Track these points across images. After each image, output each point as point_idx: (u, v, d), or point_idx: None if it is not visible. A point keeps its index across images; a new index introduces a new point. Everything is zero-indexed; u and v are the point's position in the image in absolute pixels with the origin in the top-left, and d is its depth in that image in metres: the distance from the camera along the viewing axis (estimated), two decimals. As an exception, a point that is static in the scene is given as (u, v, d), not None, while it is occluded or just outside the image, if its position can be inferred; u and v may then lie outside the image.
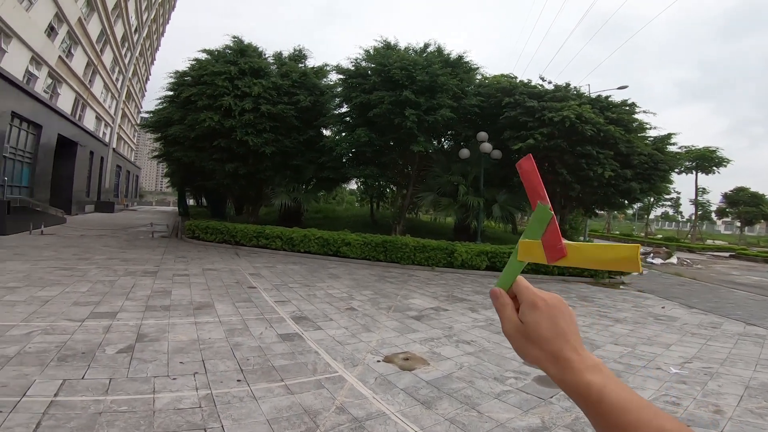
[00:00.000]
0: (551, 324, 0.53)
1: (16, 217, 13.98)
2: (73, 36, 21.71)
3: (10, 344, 3.97)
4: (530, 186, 0.55)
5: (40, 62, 18.74)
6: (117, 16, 27.97)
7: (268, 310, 6.22)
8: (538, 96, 13.50)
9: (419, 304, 7.43)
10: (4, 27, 14.91)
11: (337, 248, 12.33)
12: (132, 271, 8.42)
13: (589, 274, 11.84)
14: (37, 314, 5.02)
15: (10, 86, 15.82)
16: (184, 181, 20.22)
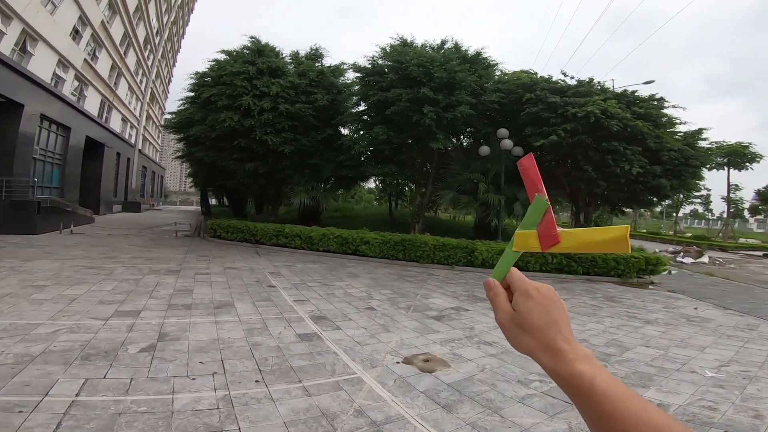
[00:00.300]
0: (544, 313, 0.53)
1: (47, 217, 14.51)
2: (97, 39, 22.34)
3: (36, 342, 4.06)
4: (529, 181, 0.57)
5: (67, 65, 19.34)
6: (138, 19, 28.65)
7: (287, 309, 6.22)
8: (560, 91, 13.14)
9: (439, 304, 7.31)
10: (30, 30, 15.40)
11: (355, 247, 12.30)
12: (156, 270, 8.59)
13: (616, 273, 11.36)
14: (64, 313, 5.15)
15: (38, 89, 16.39)
16: (207, 181, 20.60)
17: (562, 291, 9.34)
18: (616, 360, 4.93)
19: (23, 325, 4.53)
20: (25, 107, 15.16)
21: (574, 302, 8.22)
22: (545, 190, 0.55)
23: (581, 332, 6.06)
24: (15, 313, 4.95)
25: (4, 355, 3.67)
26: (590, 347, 5.32)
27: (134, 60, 30.86)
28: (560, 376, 0.51)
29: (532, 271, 11.33)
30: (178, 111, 16.23)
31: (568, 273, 11.41)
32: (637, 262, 11.37)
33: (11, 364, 3.51)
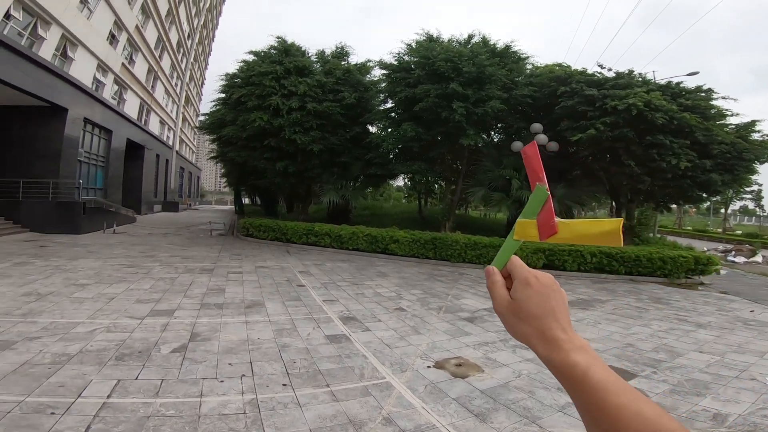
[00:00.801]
0: (542, 301, 0.53)
1: (91, 217, 15.24)
2: (133, 43, 23.15)
3: (74, 342, 4.18)
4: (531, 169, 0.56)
5: (106, 69, 20.14)
6: (170, 23, 29.52)
7: (317, 309, 6.19)
8: (598, 84, 12.51)
9: (471, 305, 7.09)
10: (69, 35, 16.04)
11: (385, 245, 12.20)
12: (191, 269, 8.80)
13: (662, 273, 10.76)
14: (102, 311, 5.31)
15: (81, 93, 17.15)
16: (239, 181, 21.09)
17: (602, 292, 8.95)
18: (667, 366, 4.59)
19: (63, 324, 4.69)
20: (69, 111, 15.91)
21: (617, 304, 7.83)
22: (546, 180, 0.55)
23: (626, 336, 5.73)
24: (57, 312, 5.15)
25: (42, 355, 3.79)
26: (637, 352, 5.04)
27: (169, 63, 31.88)
28: (555, 365, 0.51)
29: (569, 270, 10.92)
30: (210, 112, 16.68)
31: (609, 273, 10.87)
32: (685, 261, 10.77)
33: (48, 363, 3.61)
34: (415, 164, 13.53)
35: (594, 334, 5.78)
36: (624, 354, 4.97)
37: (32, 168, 14.91)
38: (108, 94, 20.70)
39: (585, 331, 5.84)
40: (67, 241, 12.22)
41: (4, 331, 4.34)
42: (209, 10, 42.26)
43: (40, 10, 13.93)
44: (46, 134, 15.47)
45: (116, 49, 20.89)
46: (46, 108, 15.16)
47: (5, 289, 6.06)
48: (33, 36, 14.21)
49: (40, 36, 14.41)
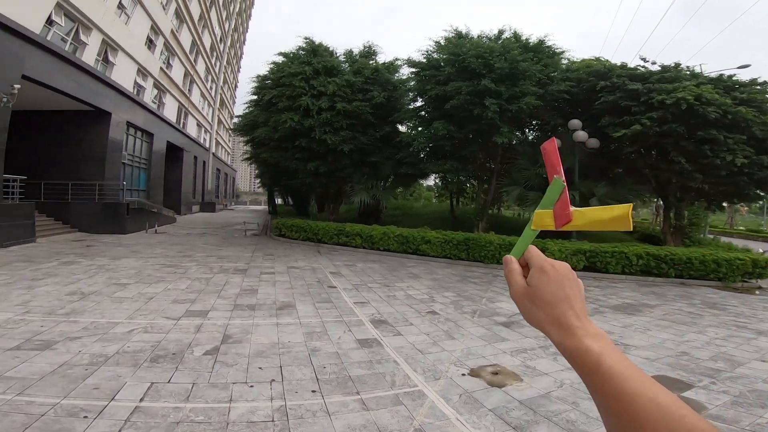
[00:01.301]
0: (557, 288, 0.54)
1: (134, 218, 15.93)
2: (169, 47, 23.97)
3: (113, 342, 4.28)
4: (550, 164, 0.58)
5: (146, 74, 20.94)
6: (203, 27, 30.45)
7: (347, 311, 6.11)
8: (642, 78, 11.81)
9: (508, 309, 6.79)
10: (109, 40, 16.71)
11: (416, 246, 12.02)
12: (225, 269, 8.97)
13: (716, 277, 10.06)
14: (141, 312, 5.44)
15: (123, 97, 17.95)
16: (272, 182, 21.46)
17: (650, 296, 8.46)
18: (728, 376, 4.22)
19: (103, 324, 4.83)
20: (112, 115, 16.67)
21: (668, 309, 7.35)
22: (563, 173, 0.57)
23: (680, 344, 5.33)
24: (98, 312, 5.32)
25: (81, 356, 3.88)
26: (693, 361, 4.68)
27: (203, 67, 32.95)
28: (568, 351, 0.51)
29: (612, 273, 10.36)
30: (243, 114, 17.05)
31: (657, 275, 10.25)
32: (742, 264, 10.05)
33: (86, 364, 3.69)
34: (447, 163, 13.23)
35: (644, 341, 5.40)
36: (679, 363, 4.62)
37: (79, 170, 15.74)
38: (148, 98, 21.56)
39: (633, 338, 5.46)
40: (112, 241, 12.81)
41: (47, 331, 4.50)
42: (239, 14, 43.37)
43: (80, 15, 14.50)
44: (92, 138, 16.27)
45: (154, 54, 21.66)
46: (91, 112, 15.93)
47: (51, 288, 6.36)
48: (75, 41, 14.85)
49: (82, 41, 15.04)
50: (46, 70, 12.58)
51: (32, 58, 11.92)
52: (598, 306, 7.39)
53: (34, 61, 11.98)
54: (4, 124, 10.91)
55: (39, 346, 4.04)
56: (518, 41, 12.89)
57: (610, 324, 6.17)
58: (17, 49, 11.25)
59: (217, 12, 33.65)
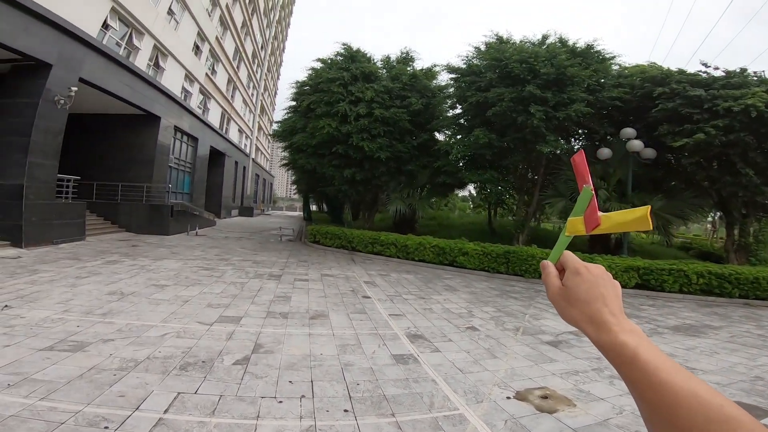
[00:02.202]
0: (591, 287, 0.56)
1: (178, 220, 16.44)
2: (214, 54, 24.63)
3: (145, 347, 4.20)
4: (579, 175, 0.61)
5: (192, 79, 21.60)
6: (245, 34, 31.18)
7: (382, 324, 5.83)
8: (705, 84, 10.93)
9: (553, 327, 6.34)
10: (160, 46, 17.31)
11: (453, 258, 11.61)
12: (260, 274, 8.94)
13: None
14: (175, 315, 5.40)
15: (171, 102, 18.57)
16: (308, 188, 21.66)
17: (712, 317, 7.92)
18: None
19: (137, 327, 4.79)
20: (161, 119, 17.32)
21: (734, 331, 6.88)
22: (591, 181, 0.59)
23: (753, 368, 4.86)
24: (134, 314, 5.32)
25: (111, 359, 3.80)
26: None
27: (246, 74, 33.75)
28: (604, 346, 0.53)
29: (668, 291, 9.68)
30: (282, 120, 17.28)
31: (719, 295, 9.51)
32: None
33: (115, 369, 3.60)
34: (487, 173, 12.69)
35: (712, 365, 4.96)
36: (754, 388, 4.26)
37: (129, 172, 16.44)
38: (194, 104, 22.24)
39: (699, 361, 5.06)
40: (156, 242, 13.21)
41: (82, 331, 4.50)
42: (278, 22, 44.51)
43: (134, 20, 15.07)
44: (142, 141, 16.96)
45: (200, 60, 22.28)
46: (142, 116, 16.62)
47: (92, 287, 6.48)
48: (129, 46, 15.49)
49: (135, 46, 15.65)
50: (101, 73, 13.11)
51: (89, 61, 12.42)
52: (656, 326, 6.89)
53: (90, 64, 12.49)
54: (61, 126, 11.47)
55: (72, 348, 4.01)
56: (564, 46, 12.27)
57: (672, 346, 5.72)
58: (75, 53, 11.75)
59: (258, 20, 34.51)
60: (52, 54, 10.85)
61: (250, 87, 36.52)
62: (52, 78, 10.85)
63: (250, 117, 38.39)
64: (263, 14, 36.14)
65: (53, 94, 10.92)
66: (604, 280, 0.57)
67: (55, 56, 10.94)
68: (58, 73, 11.05)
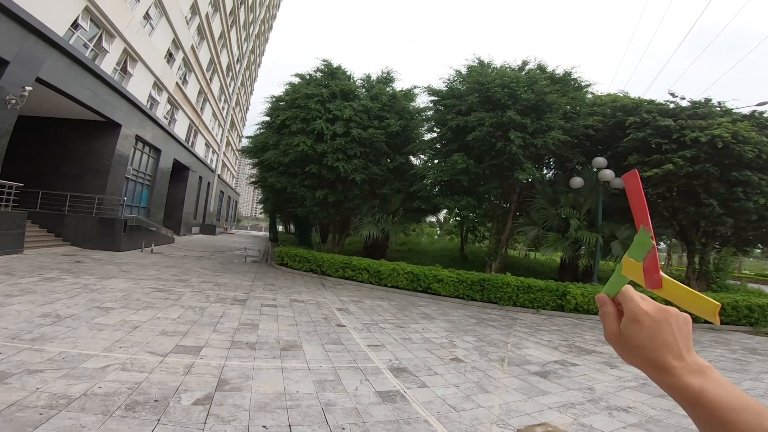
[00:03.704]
0: (653, 335, 0.52)
1: (131, 235, 15.20)
2: (188, 63, 23.64)
3: (81, 380, 3.46)
4: (636, 205, 0.55)
5: (161, 88, 20.48)
6: (222, 46, 30.37)
7: (361, 356, 5.28)
8: (672, 114, 11.41)
9: (538, 356, 6.12)
10: (130, 50, 16.38)
11: (428, 285, 11.25)
12: (223, 298, 8.14)
13: (748, 322, 10.06)
14: (121, 343, 4.62)
15: (135, 110, 17.47)
16: (276, 208, 20.86)
17: None
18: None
19: (73, 356, 4.00)
20: (122, 127, 16.17)
21: (708, 355, 7.16)
22: (651, 222, 0.54)
23: None
24: (70, 340, 4.50)
25: (38, 395, 3.06)
26: None
27: (218, 86, 32.56)
28: (667, 386, 0.51)
29: None
30: (254, 135, 16.57)
31: None
32: None
33: (42, 407, 2.88)
34: (464, 199, 12.49)
35: None
36: None
37: (81, 182, 15.18)
38: (161, 113, 21.04)
39: None
40: (104, 258, 12.01)
41: (4, 359, 3.68)
42: (257, 36, 43.85)
43: (107, 22, 14.26)
44: (98, 149, 15.77)
45: (172, 68, 21.28)
46: (101, 123, 15.51)
47: (23, 308, 5.52)
48: (97, 48, 14.55)
49: (104, 49, 14.72)
50: (62, 75, 12.19)
51: (51, 61, 11.53)
52: None
53: (51, 64, 11.59)
54: (8, 128, 10.40)
55: (-13, 380, 3.23)
56: (544, 72, 12.41)
57: None
58: (36, 50, 10.85)
59: (237, 32, 33.79)
60: (11, 50, 10.00)
61: (221, 100, 35.32)
62: (7, 75, 9.99)
63: (219, 131, 37.00)
64: (243, 27, 35.49)
65: (5, 93, 9.98)
66: (669, 326, 0.52)
67: (14, 53, 10.08)
68: (15, 70, 10.18)
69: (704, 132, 10.14)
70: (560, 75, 12.50)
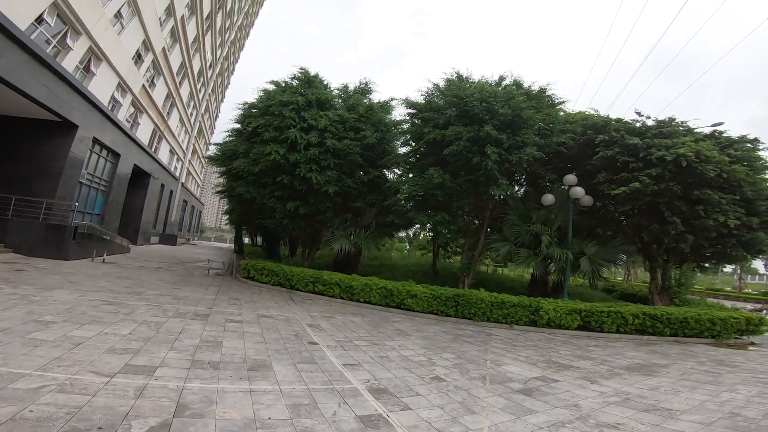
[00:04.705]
0: None
1: (81, 243, 14.05)
2: (157, 66, 22.57)
3: (9, 402, 2.91)
4: None
5: (126, 89, 19.37)
6: (195, 50, 29.29)
7: (337, 376, 4.87)
8: (639, 133, 11.79)
9: (518, 373, 5.98)
10: (96, 49, 15.44)
11: (401, 300, 10.95)
12: (182, 312, 7.48)
13: (710, 334, 10.44)
14: (60, 361, 4.02)
15: (95, 111, 16.35)
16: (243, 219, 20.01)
17: (654, 355, 8.34)
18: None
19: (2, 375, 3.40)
20: (79, 129, 15.07)
21: (681, 368, 7.21)
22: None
23: (722, 404, 5.10)
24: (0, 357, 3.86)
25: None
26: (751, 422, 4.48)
27: (187, 91, 31.20)
28: None
29: (607, 332, 10.20)
30: (223, 143, 15.84)
31: (651, 334, 10.27)
32: (736, 322, 10.71)
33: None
34: (438, 215, 12.29)
35: (684, 404, 5.00)
36: (737, 425, 4.32)
37: (29, 185, 13.97)
38: (123, 116, 19.88)
39: (671, 402, 5.09)
40: (49, 267, 10.94)
41: None
42: (233, 42, 42.61)
43: (75, 19, 13.43)
44: (50, 151, 14.59)
45: (139, 70, 20.26)
46: (56, 123, 14.39)
47: (-56, 322, 4.78)
48: (60, 45, 13.62)
49: (68, 46, 13.81)
50: (18, 70, 11.28)
51: (7, 55, 10.69)
52: (611, 367, 6.89)
53: (7, 59, 10.73)
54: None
55: None
56: (520, 88, 12.52)
57: (636, 387, 5.70)
58: None
59: (212, 37, 32.75)
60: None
61: (190, 106, 33.81)
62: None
63: (185, 138, 35.33)
64: (218, 32, 34.45)
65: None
66: None
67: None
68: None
69: (669, 151, 10.51)
70: (536, 91, 12.69)
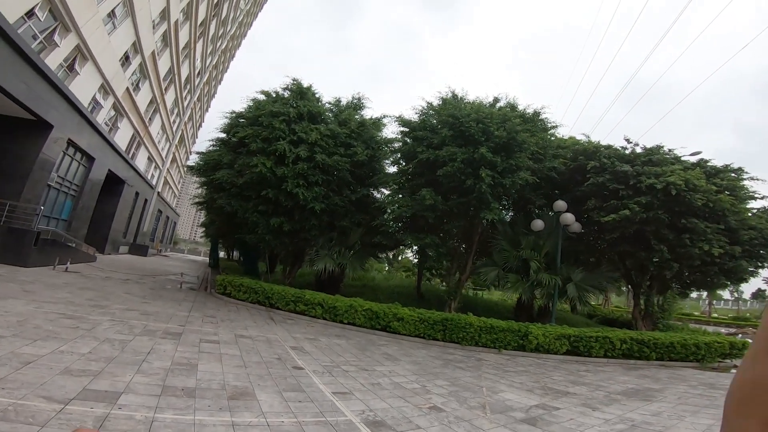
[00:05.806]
0: None
1: (44, 250, 13.06)
2: (144, 69, 21.85)
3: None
4: None
5: (108, 92, 18.60)
6: (185, 56, 28.64)
7: (328, 407, 4.36)
8: (629, 160, 11.88)
9: (516, 400, 5.69)
10: (83, 47, 14.82)
11: (387, 323, 10.49)
12: (151, 330, 6.80)
13: (695, 359, 10.70)
14: (5, 383, 3.41)
15: (73, 112, 15.56)
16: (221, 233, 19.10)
17: (645, 379, 8.34)
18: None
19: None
20: (54, 129, 14.22)
21: (676, 392, 7.25)
22: None
23: None
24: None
25: None
26: None
27: (173, 98, 30.31)
28: None
29: (595, 356, 10.17)
30: (206, 152, 15.17)
31: (638, 359, 10.39)
32: (720, 346, 11.01)
33: None
34: (428, 237, 11.89)
35: (692, 429, 4.94)
36: None
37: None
38: (102, 119, 18.99)
39: (678, 428, 5.01)
40: (5, 274, 10.02)
41: None
42: (224, 51, 42.01)
43: (66, 15, 12.90)
44: (20, 150, 13.66)
45: (125, 72, 19.54)
46: (30, 121, 13.55)
47: None
48: (46, 41, 12.98)
49: (54, 42, 13.20)
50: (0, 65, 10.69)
51: None
52: (607, 393, 6.77)
53: None
54: None
55: None
56: (515, 110, 12.43)
57: (638, 413, 5.57)
58: None
59: (204, 45, 32.13)
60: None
61: (173, 113, 32.71)
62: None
63: (165, 145, 34.08)
64: (210, 41, 33.91)
65: None
66: None
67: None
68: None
69: (659, 179, 10.59)
70: (530, 114, 12.65)
